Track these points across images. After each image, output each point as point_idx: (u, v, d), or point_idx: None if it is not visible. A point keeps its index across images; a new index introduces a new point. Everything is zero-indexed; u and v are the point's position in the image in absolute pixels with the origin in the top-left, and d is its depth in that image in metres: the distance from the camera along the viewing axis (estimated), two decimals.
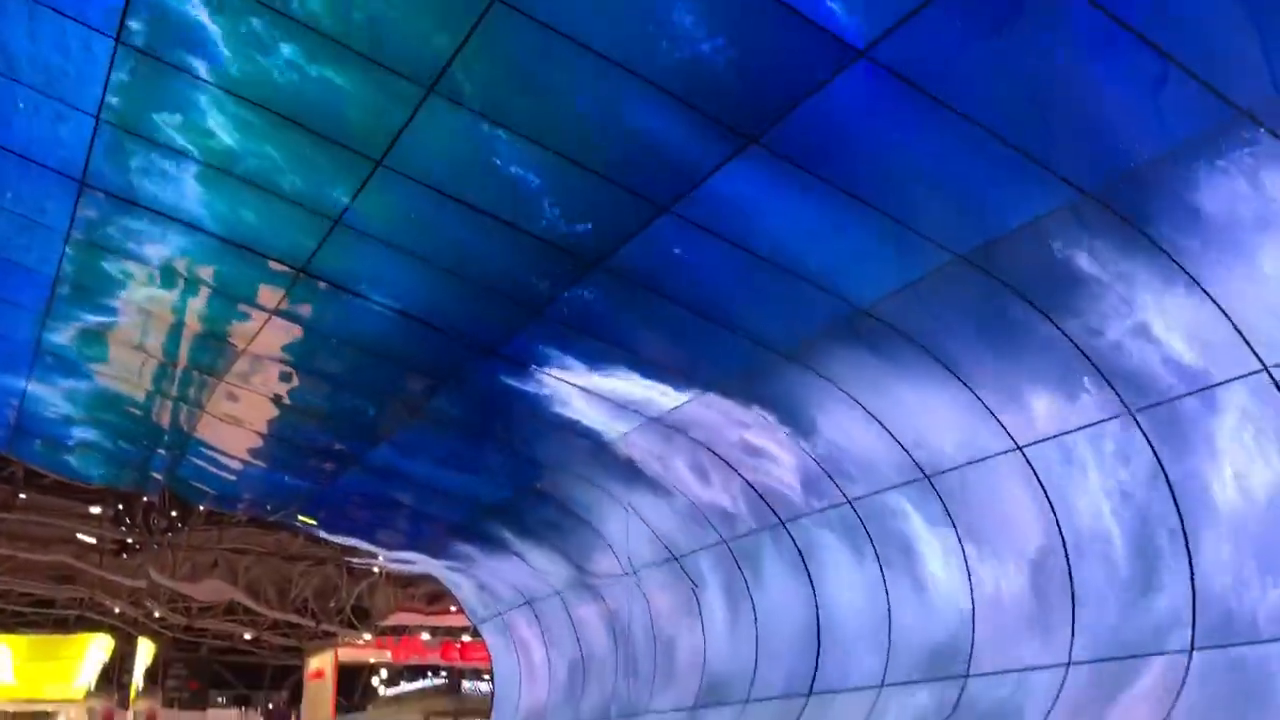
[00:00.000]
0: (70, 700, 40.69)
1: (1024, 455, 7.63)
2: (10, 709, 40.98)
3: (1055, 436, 7.38)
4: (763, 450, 9.42)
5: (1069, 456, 7.38)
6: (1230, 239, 5.86)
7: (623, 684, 13.02)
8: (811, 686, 9.78)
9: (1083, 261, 6.35)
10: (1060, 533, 7.57)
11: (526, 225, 7.29)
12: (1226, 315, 6.09)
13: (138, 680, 39.68)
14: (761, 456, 9.53)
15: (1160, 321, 6.37)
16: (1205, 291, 6.07)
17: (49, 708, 40.76)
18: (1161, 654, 6.75)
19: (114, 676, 42.65)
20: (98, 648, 41.08)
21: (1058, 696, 7.06)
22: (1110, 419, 6.90)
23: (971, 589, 8.29)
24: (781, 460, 9.37)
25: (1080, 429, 7.19)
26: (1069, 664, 7.29)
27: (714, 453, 9.81)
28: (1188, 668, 6.52)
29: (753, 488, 9.92)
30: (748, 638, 10.88)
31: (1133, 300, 6.37)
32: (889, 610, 9.06)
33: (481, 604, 16.45)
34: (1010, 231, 6.38)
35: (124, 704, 38.38)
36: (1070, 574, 7.42)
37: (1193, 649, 6.57)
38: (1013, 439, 7.62)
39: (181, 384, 11.09)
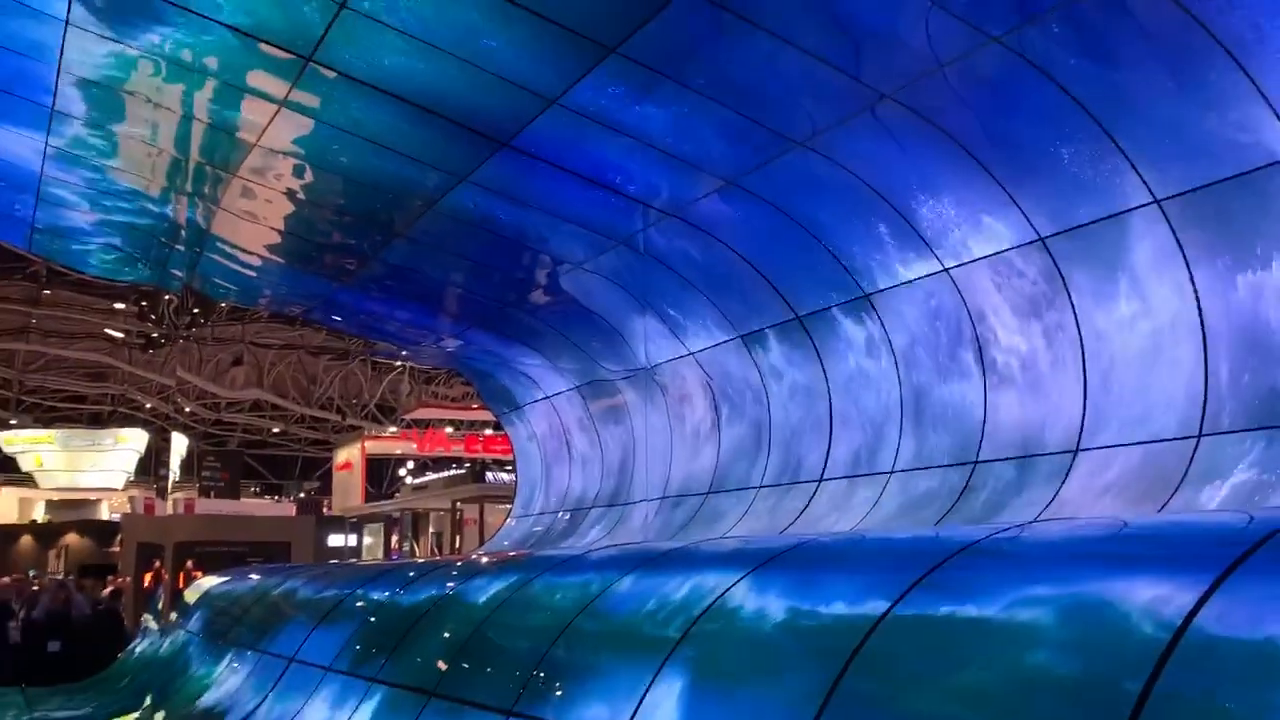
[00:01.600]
0: (111, 490, 42.62)
1: (1045, 246, 7.56)
2: (56, 498, 43.02)
3: (1080, 227, 7.29)
4: (779, 243, 9.37)
5: (1089, 248, 7.31)
6: None
7: (641, 472, 13.48)
8: (823, 473, 10.10)
9: (1114, 38, 6.10)
10: (1076, 324, 7.59)
11: (541, 8, 7.01)
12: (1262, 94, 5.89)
13: (174, 471, 41.35)
14: (778, 249, 9.49)
15: (1199, 98, 6.17)
16: (1242, 67, 5.85)
17: (91, 497, 42.75)
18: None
19: (151, 468, 44.48)
20: (134, 441, 42.64)
21: (1065, 477, 7.28)
22: (1140, 207, 6.79)
23: (985, 377, 8.40)
24: (798, 253, 9.33)
25: (1105, 219, 7.09)
26: (1076, 450, 7.47)
27: (729, 247, 9.77)
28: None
29: (768, 281, 9.93)
30: (762, 428, 11.17)
31: (1166, 80, 6.15)
32: (901, 400, 9.23)
33: (503, 398, 16.86)
34: (1043, 11, 6.11)
35: (162, 494, 40.12)
36: (1084, 359, 7.49)
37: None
38: (1034, 229, 7.54)
39: (195, 179, 11.01)
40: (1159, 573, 2.66)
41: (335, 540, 34.34)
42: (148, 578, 19.36)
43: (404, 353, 20.53)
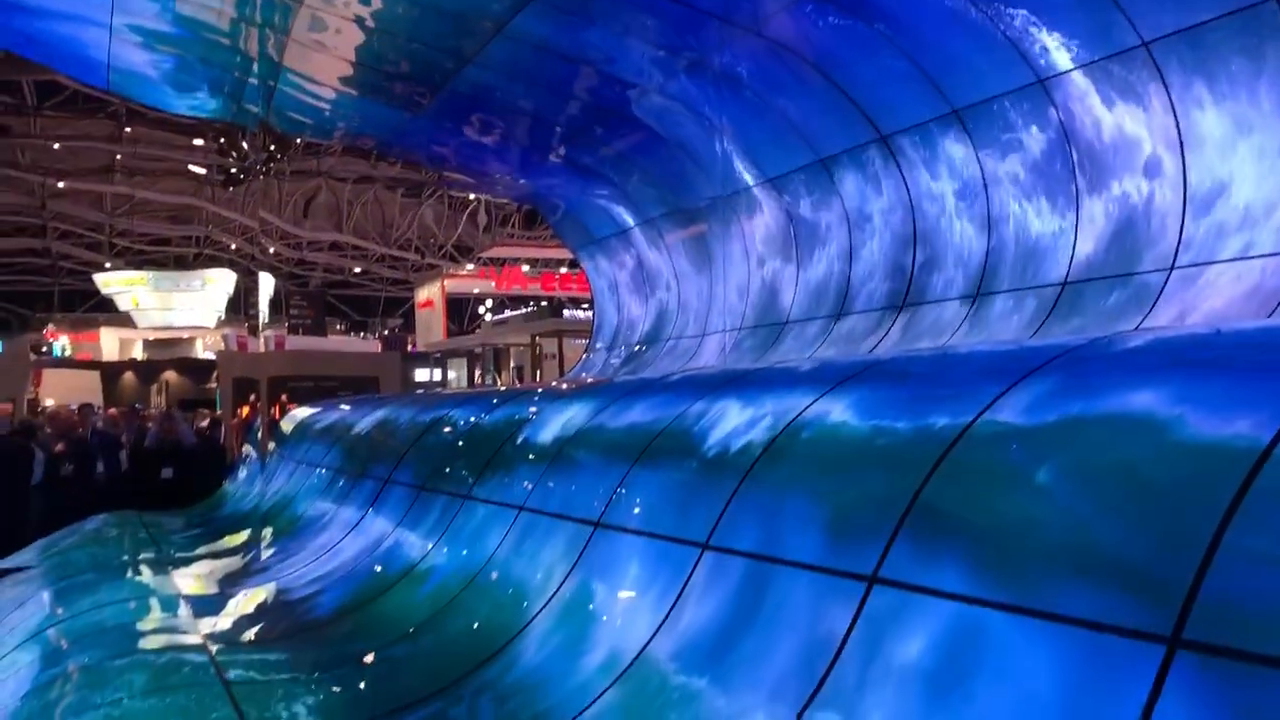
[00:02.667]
0: (204, 328, 44.18)
1: (1149, 52, 7.10)
2: (153, 337, 44.80)
3: (1186, 30, 6.80)
4: (861, 56, 8.96)
5: (1194, 52, 6.84)
6: None
7: (719, 302, 13.44)
8: (905, 299, 9.95)
9: None
10: (1179, 135, 7.19)
11: None
12: None
13: (264, 310, 42.59)
14: (859, 61, 9.08)
15: None
16: None
17: (185, 335, 44.39)
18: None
19: (241, 308, 45.88)
20: (223, 282, 43.88)
21: (1159, 294, 7.04)
22: (1250, 7, 6.29)
23: (1078, 192, 8.08)
24: (882, 65, 8.92)
25: (1215, 19, 6.60)
26: (1172, 268, 7.20)
27: (808, 61, 9.38)
28: None
29: (849, 99, 9.55)
30: (843, 253, 10.98)
31: None
32: (989, 218, 8.95)
33: (579, 232, 16.81)
34: None
35: (254, 331, 41.46)
36: (1184, 172, 7.13)
37: None
38: (1139, 35, 7.07)
39: (264, 9, 10.86)
40: (1258, 376, 2.56)
41: (421, 374, 35.35)
42: (245, 410, 20.16)
43: (478, 184, 20.50)
